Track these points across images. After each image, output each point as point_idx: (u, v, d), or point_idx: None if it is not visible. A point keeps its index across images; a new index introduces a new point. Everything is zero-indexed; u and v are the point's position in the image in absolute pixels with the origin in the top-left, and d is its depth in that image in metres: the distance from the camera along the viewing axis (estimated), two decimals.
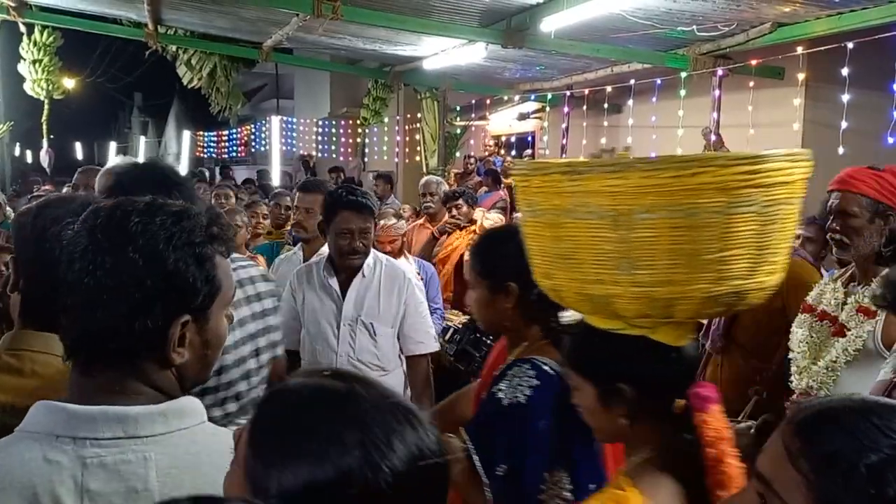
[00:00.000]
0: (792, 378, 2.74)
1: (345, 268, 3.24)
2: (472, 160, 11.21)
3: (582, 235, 1.33)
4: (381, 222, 5.19)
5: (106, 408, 1.07)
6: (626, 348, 1.35)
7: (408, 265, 4.27)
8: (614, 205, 1.26)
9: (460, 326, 3.54)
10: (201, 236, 1.14)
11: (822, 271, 3.76)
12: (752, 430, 2.33)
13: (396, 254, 4.56)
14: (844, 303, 2.67)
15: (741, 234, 1.26)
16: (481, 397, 2.05)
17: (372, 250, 3.33)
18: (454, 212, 5.51)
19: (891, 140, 5.65)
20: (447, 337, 3.74)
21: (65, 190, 4.20)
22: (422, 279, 4.41)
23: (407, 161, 12.25)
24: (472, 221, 5.55)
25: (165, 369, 1.15)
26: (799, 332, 2.78)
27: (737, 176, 1.22)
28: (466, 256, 5.33)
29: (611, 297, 1.33)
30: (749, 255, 1.29)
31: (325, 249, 3.49)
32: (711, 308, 1.35)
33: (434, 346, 3.47)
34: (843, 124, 5.87)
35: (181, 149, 23.59)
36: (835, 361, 2.56)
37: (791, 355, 2.79)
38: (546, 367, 1.81)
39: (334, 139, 15.29)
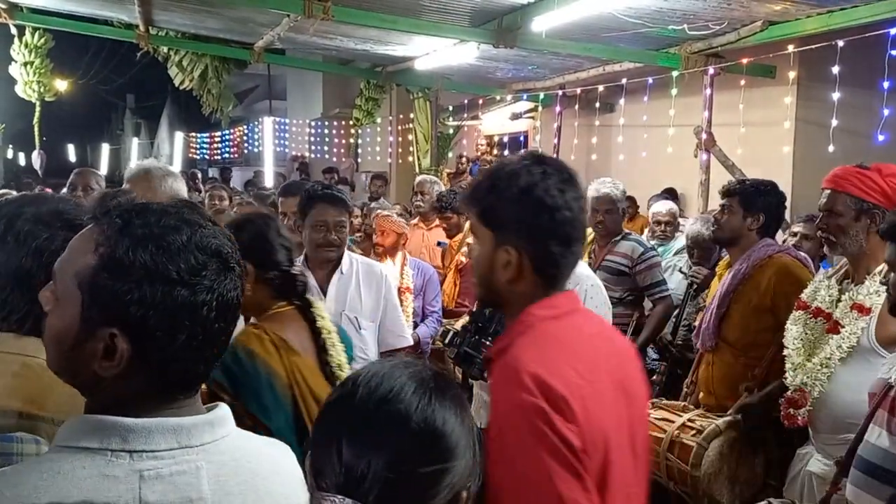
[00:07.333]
0: (787, 374, 2.75)
1: (321, 263, 3.25)
2: (465, 160, 11.19)
3: None
4: (379, 211, 5.17)
5: (162, 419, 1.07)
6: None
7: (392, 267, 4.26)
8: None
9: (459, 329, 3.57)
10: None
11: (821, 269, 3.77)
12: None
13: (390, 250, 4.51)
14: (839, 300, 2.68)
15: None
16: None
17: (346, 252, 3.36)
18: (446, 223, 5.48)
19: (881, 138, 5.66)
20: (447, 340, 3.77)
21: (63, 191, 4.15)
22: (410, 290, 4.39)
23: (400, 161, 12.24)
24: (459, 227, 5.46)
25: None
26: (793, 329, 2.79)
27: None
28: (461, 258, 5.26)
29: None
30: None
31: None
32: None
33: (410, 339, 3.64)
34: (834, 122, 5.87)
35: (174, 150, 23.53)
36: (829, 358, 2.57)
37: (785, 352, 2.80)
38: None
39: (327, 140, 15.27)
